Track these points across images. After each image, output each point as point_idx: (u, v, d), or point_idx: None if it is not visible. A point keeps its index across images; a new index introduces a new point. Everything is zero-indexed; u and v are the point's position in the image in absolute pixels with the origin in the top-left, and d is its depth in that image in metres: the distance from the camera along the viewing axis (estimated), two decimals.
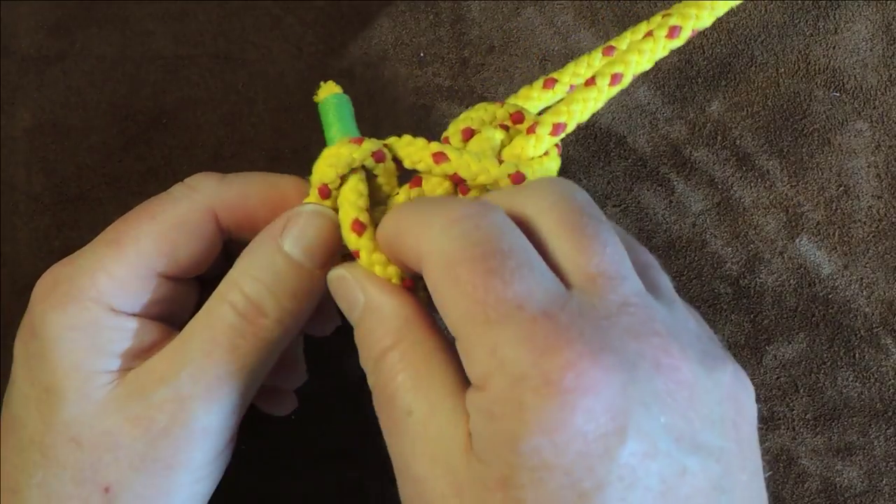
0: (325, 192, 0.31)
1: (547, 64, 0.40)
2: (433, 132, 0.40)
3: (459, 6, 0.40)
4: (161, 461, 0.29)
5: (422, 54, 0.40)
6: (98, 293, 0.30)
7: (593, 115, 0.40)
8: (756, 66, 0.40)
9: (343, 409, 0.40)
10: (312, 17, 0.41)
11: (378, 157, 0.32)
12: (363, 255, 0.30)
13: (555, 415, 0.23)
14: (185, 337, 0.30)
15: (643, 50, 0.31)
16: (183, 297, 0.33)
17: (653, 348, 0.24)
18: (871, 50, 0.39)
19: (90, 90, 0.41)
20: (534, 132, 0.32)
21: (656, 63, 0.40)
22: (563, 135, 0.32)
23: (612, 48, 0.33)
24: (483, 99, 0.40)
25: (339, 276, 0.30)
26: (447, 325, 0.25)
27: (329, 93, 0.34)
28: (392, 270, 0.30)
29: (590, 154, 0.40)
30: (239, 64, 0.41)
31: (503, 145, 0.32)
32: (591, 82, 0.32)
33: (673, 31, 0.31)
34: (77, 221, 0.40)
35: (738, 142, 0.39)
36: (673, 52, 0.40)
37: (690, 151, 0.39)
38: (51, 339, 0.30)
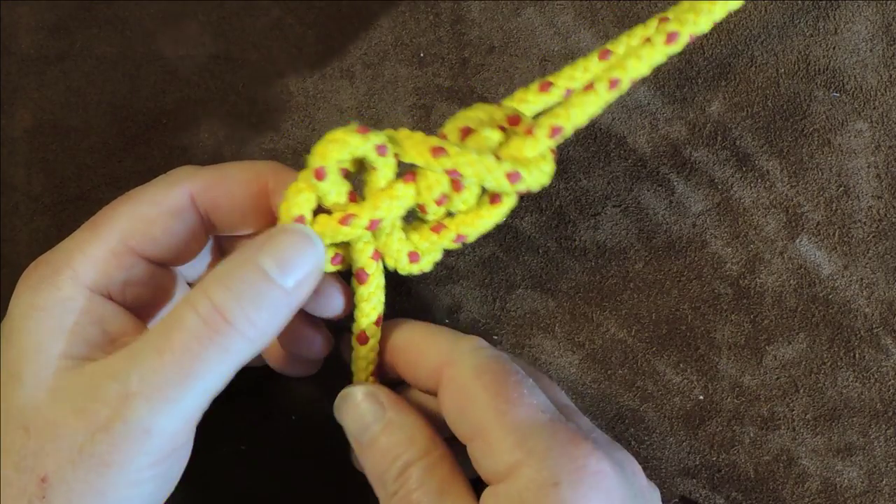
0: (321, 175, 0.31)
1: (547, 64, 0.40)
2: (433, 133, 0.40)
3: (459, 6, 0.40)
4: (97, 457, 0.29)
5: (422, 54, 0.40)
6: (73, 271, 0.30)
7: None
8: (756, 66, 0.40)
9: None
10: (312, 17, 0.41)
11: (381, 150, 0.31)
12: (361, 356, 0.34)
13: (586, 492, 0.28)
14: (145, 336, 0.30)
15: (641, 56, 0.31)
16: (163, 287, 0.33)
17: (626, 458, 0.31)
18: (871, 50, 0.39)
19: (90, 90, 0.41)
20: (532, 134, 0.32)
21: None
22: (560, 138, 0.32)
23: (608, 52, 0.33)
24: (483, 99, 0.40)
25: (348, 395, 0.33)
26: (468, 425, 0.30)
27: None
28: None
29: (590, 154, 0.40)
30: (239, 64, 0.41)
31: (500, 146, 0.32)
32: (589, 87, 0.32)
33: (671, 37, 0.31)
34: (77, 221, 0.39)
35: (738, 142, 0.39)
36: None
37: (690, 151, 0.39)
38: (18, 320, 0.30)
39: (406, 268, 0.34)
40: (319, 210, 0.33)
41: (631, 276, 0.39)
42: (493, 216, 0.33)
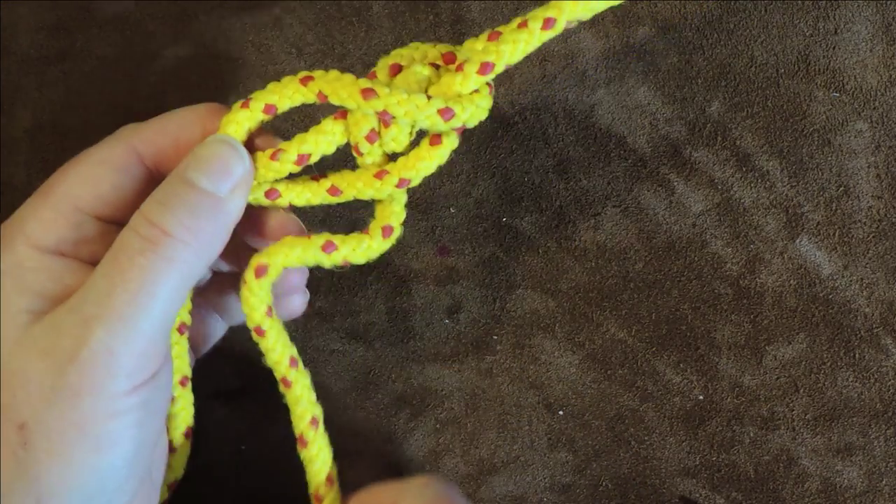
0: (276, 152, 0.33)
1: (547, 64, 0.40)
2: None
3: (459, 6, 0.40)
4: (69, 388, 0.29)
5: None
6: (25, 236, 0.31)
7: (591, 116, 0.40)
8: (756, 67, 0.40)
9: (343, 410, 0.40)
10: (312, 17, 0.41)
11: (269, 110, 0.33)
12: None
13: None
14: (95, 269, 0.30)
15: None
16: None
17: None
18: (871, 50, 0.39)
19: (90, 90, 0.41)
20: (462, 70, 0.32)
21: (656, 63, 0.40)
22: (491, 74, 0.32)
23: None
24: None
25: None
26: None
27: None
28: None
29: (590, 154, 0.40)
30: (239, 64, 0.41)
31: (431, 83, 0.32)
32: (523, 25, 0.31)
33: None
34: None
35: (738, 142, 0.39)
36: (673, 53, 0.40)
37: (690, 151, 0.39)
38: None
39: (381, 246, 0.33)
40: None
41: (631, 276, 0.39)
42: (434, 158, 0.33)
